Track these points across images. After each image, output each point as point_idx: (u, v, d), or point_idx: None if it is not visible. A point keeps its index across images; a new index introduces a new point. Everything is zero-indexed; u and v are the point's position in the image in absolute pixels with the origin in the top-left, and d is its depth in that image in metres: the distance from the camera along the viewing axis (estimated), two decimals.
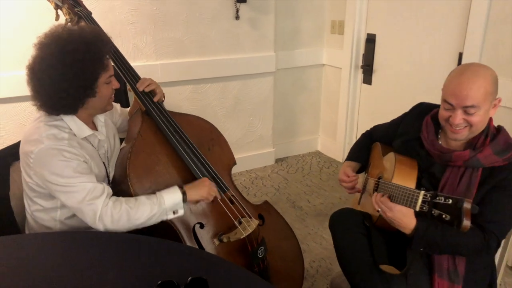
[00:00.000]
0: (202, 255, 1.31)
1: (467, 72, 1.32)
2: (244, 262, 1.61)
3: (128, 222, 1.39)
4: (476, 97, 1.29)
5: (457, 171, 1.38)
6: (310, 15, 3.46)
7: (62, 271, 1.16)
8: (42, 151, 1.34)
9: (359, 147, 1.83)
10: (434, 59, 2.72)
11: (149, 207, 1.42)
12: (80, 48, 1.33)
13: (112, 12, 2.66)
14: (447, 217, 1.14)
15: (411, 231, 1.35)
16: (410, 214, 1.34)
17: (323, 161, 3.70)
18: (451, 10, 2.55)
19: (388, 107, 3.15)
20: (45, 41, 1.36)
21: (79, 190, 1.36)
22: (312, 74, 3.67)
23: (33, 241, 1.34)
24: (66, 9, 1.64)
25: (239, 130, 3.41)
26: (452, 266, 1.37)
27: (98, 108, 1.49)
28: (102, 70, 1.40)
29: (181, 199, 1.48)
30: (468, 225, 1.11)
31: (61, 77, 1.33)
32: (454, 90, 1.32)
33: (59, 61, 1.32)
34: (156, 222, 1.46)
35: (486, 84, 1.29)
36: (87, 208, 1.36)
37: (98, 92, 1.42)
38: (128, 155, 1.51)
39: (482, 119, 1.33)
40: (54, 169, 1.34)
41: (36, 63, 1.35)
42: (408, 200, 1.27)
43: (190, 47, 2.98)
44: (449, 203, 1.14)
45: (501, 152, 1.33)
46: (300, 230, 2.64)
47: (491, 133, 1.38)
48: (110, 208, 1.38)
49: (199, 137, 1.72)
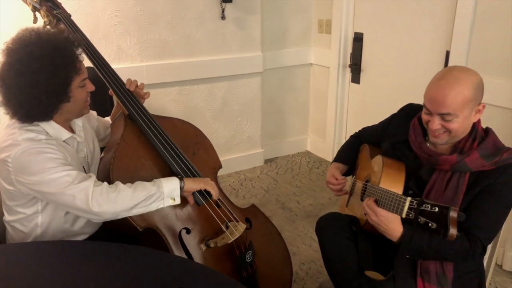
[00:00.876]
0: (186, 264, 1.28)
1: (447, 77, 1.29)
2: (232, 267, 1.59)
3: (126, 200, 1.33)
4: (452, 104, 1.26)
5: (444, 175, 1.36)
6: (297, 14, 3.44)
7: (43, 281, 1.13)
8: (20, 153, 1.29)
9: (347, 148, 1.82)
10: (422, 58, 2.72)
11: (147, 187, 1.38)
12: (49, 53, 1.28)
13: (95, 13, 2.61)
14: (433, 225, 1.13)
15: (397, 238, 1.33)
16: (397, 221, 1.32)
17: (313, 161, 3.69)
18: (437, 8, 2.55)
19: (376, 106, 3.15)
20: (12, 46, 1.30)
21: (64, 175, 1.30)
22: (300, 74, 3.65)
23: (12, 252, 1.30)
24: (44, 11, 1.60)
25: (227, 131, 3.38)
26: (440, 269, 1.36)
27: (74, 113, 1.45)
28: (74, 73, 1.35)
29: (179, 185, 1.44)
30: (454, 234, 1.10)
31: (31, 85, 1.28)
32: (431, 96, 1.30)
33: (27, 68, 1.27)
34: (153, 208, 1.40)
35: (465, 91, 1.26)
36: (77, 189, 1.29)
37: (72, 96, 1.37)
38: (111, 160, 1.48)
39: (461, 125, 1.30)
40: (35, 167, 1.29)
41: (4, 70, 1.30)
42: (394, 206, 1.25)
43: (176, 48, 2.94)
44: (435, 211, 1.13)
45: (489, 156, 1.30)
46: (290, 232, 2.62)
47: (479, 135, 1.35)
48: (105, 187, 1.32)
49: (184, 141, 1.69)
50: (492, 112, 2.27)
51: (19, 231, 1.46)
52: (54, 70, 1.29)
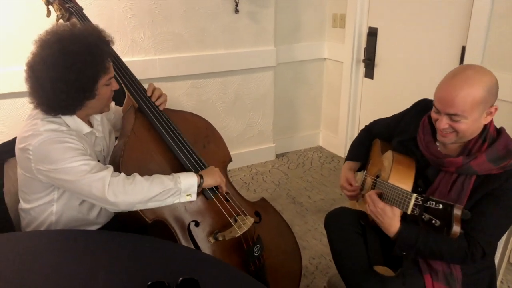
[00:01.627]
0: (193, 255, 1.30)
1: (458, 76, 1.25)
2: (240, 260, 1.59)
3: (142, 192, 1.34)
4: (460, 105, 1.23)
5: (450, 177, 1.33)
6: (311, 8, 3.41)
7: (53, 270, 1.15)
8: (41, 142, 1.32)
9: (358, 144, 1.80)
10: (437, 53, 2.67)
11: (165, 180, 1.39)
12: (82, 50, 1.30)
13: (109, 6, 2.63)
14: (437, 222, 1.12)
15: (393, 234, 1.32)
16: (394, 217, 1.31)
17: (325, 156, 3.67)
18: (454, 3, 2.50)
19: (390, 101, 3.11)
20: (46, 39, 1.33)
21: (82, 165, 1.32)
22: (313, 68, 3.63)
23: (26, 239, 1.33)
24: (57, 5, 1.62)
25: (239, 125, 3.38)
26: (447, 269, 1.34)
27: (96, 109, 1.48)
28: (103, 72, 1.37)
29: (196, 182, 1.45)
30: (457, 232, 1.09)
31: (60, 79, 1.30)
32: (440, 95, 1.27)
33: (59, 63, 1.29)
34: (169, 202, 1.41)
35: (476, 93, 1.21)
36: (94, 178, 1.31)
37: (97, 94, 1.39)
38: (121, 153, 1.49)
39: (470, 127, 1.27)
40: (55, 156, 1.32)
41: (36, 62, 1.32)
42: (400, 202, 1.24)
43: (189, 41, 2.95)
44: (440, 208, 1.12)
45: (497, 159, 1.26)
46: (300, 227, 2.62)
47: (490, 137, 1.30)
48: (122, 177, 1.34)
49: (194, 134, 1.69)
50: (508, 109, 2.22)
51: (33, 218, 1.49)
52: (84, 67, 1.31)
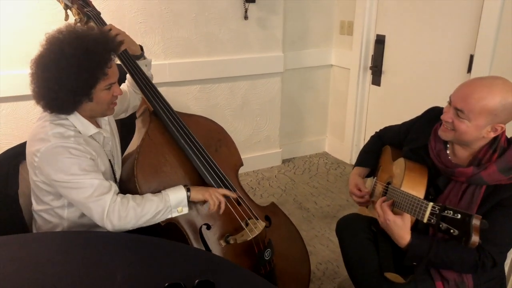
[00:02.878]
0: (209, 258, 1.31)
1: (487, 80, 1.26)
2: (251, 264, 1.60)
3: (135, 218, 1.39)
4: (470, 104, 1.24)
5: (460, 187, 1.34)
6: (319, 15, 3.44)
7: (69, 270, 1.16)
8: (49, 149, 1.33)
9: (368, 151, 1.81)
10: (445, 61, 2.69)
11: (154, 204, 1.42)
12: (78, 54, 1.31)
13: (121, 12, 2.67)
14: (455, 232, 1.12)
15: (404, 245, 1.34)
16: (404, 228, 1.33)
17: (331, 162, 3.68)
18: (462, 11, 2.51)
19: (397, 109, 3.13)
20: (49, 37, 1.35)
21: (86, 186, 1.35)
22: (320, 75, 3.65)
23: (41, 240, 1.34)
24: (75, 9, 1.64)
25: (246, 130, 3.40)
26: (458, 277, 1.35)
27: (97, 112, 1.47)
28: (101, 78, 1.37)
29: (185, 196, 1.48)
30: (476, 241, 1.09)
31: (52, 79, 1.32)
32: (460, 87, 1.29)
33: (54, 63, 1.31)
34: (162, 219, 1.46)
35: (491, 101, 1.22)
36: (95, 204, 1.35)
37: (95, 97, 1.39)
38: (135, 155, 1.51)
39: (469, 131, 1.27)
40: (60, 166, 1.34)
41: (37, 59, 1.35)
42: (416, 210, 1.25)
43: (199, 46, 2.98)
44: (458, 218, 1.12)
45: (508, 170, 1.26)
46: (307, 232, 2.63)
47: (500, 147, 1.31)
48: (118, 204, 1.37)
49: (207, 138, 1.71)
50: None
51: (46, 221, 1.51)
52: (78, 71, 1.31)
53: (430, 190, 1.41)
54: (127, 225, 1.39)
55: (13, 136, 2.59)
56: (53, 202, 1.47)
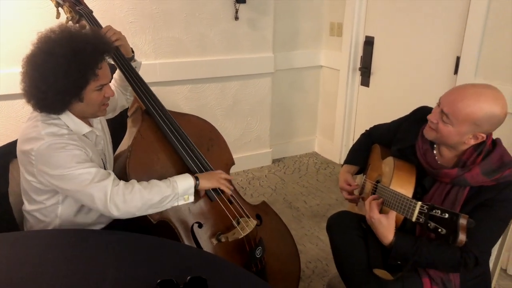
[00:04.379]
0: (201, 254, 1.32)
1: (477, 88, 1.27)
2: (242, 262, 1.62)
3: (141, 201, 1.37)
4: (456, 110, 1.26)
5: (444, 187, 1.37)
6: (309, 16, 3.47)
7: (61, 268, 1.16)
8: (44, 147, 1.33)
9: (358, 149, 1.82)
10: (432, 63, 2.74)
11: (162, 188, 1.42)
12: (67, 54, 1.30)
13: (111, 11, 2.66)
14: (443, 231, 1.15)
15: (387, 244, 1.37)
16: (388, 227, 1.36)
17: (320, 162, 3.72)
18: (449, 14, 2.56)
19: (385, 109, 3.17)
20: (40, 37, 1.35)
21: (85, 173, 1.34)
22: (310, 76, 3.68)
23: (32, 239, 1.34)
24: (67, 7, 1.64)
25: (237, 130, 3.41)
26: (445, 276, 1.37)
27: (88, 113, 1.46)
28: (91, 79, 1.36)
29: (193, 184, 1.47)
30: (463, 240, 1.12)
31: (41, 79, 1.31)
32: (450, 91, 1.32)
33: (43, 62, 1.30)
34: (168, 207, 1.45)
35: (476, 110, 1.24)
36: (96, 189, 1.33)
37: (85, 98, 1.39)
38: (127, 154, 1.52)
39: (451, 135, 1.30)
40: (57, 162, 1.33)
41: (28, 58, 1.34)
42: (405, 209, 1.27)
43: (189, 46, 2.98)
44: (446, 217, 1.15)
45: (491, 172, 1.28)
46: (297, 231, 2.65)
47: (485, 149, 1.32)
48: (122, 187, 1.36)
49: (199, 137, 1.72)
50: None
51: (38, 220, 1.50)
52: (67, 71, 1.30)
53: (417, 190, 1.44)
54: (133, 208, 1.37)
55: (1, 135, 2.57)
56: (47, 201, 1.46)
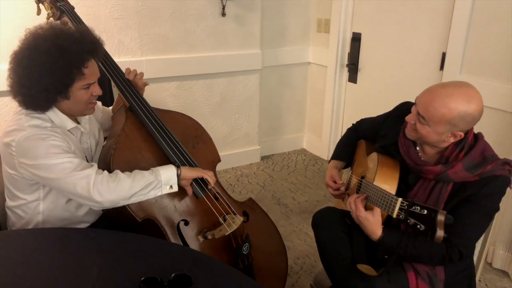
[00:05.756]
0: (185, 252, 1.32)
1: (449, 88, 1.28)
2: (229, 259, 1.61)
3: (125, 189, 1.36)
4: (430, 112, 1.27)
5: (428, 184, 1.38)
6: (296, 13, 3.47)
7: (45, 268, 1.15)
8: (24, 138, 1.31)
9: (344, 144, 1.83)
10: (418, 59, 2.75)
11: (145, 176, 1.41)
12: (52, 51, 1.29)
13: (96, 7, 2.63)
14: (422, 227, 1.17)
15: (376, 240, 1.38)
16: (375, 223, 1.37)
17: (308, 159, 3.72)
18: (435, 10, 2.58)
19: (373, 106, 3.18)
20: (27, 35, 1.33)
21: (66, 162, 1.32)
22: (298, 72, 3.68)
23: (15, 238, 1.32)
24: (48, 3, 1.62)
25: (225, 127, 3.40)
26: (431, 270, 1.39)
27: (75, 111, 1.45)
28: (77, 77, 1.35)
29: (175, 173, 1.46)
30: (441, 236, 1.14)
31: (26, 76, 1.30)
32: (423, 92, 1.33)
33: (28, 60, 1.29)
34: (151, 195, 1.43)
35: (450, 111, 1.25)
36: (79, 176, 1.32)
37: (72, 96, 1.38)
38: (111, 152, 1.50)
39: (430, 135, 1.32)
40: (37, 152, 1.31)
41: (14, 55, 1.33)
42: (386, 205, 1.29)
43: (176, 43, 2.96)
44: (424, 213, 1.17)
45: (473, 167, 1.30)
46: (285, 227, 2.65)
47: (467, 145, 1.34)
48: (106, 176, 1.35)
49: (184, 134, 1.71)
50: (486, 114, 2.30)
51: (20, 217, 1.48)
52: (51, 68, 1.29)
53: (401, 186, 1.45)
54: (118, 196, 1.36)
55: None
56: (27, 196, 1.44)
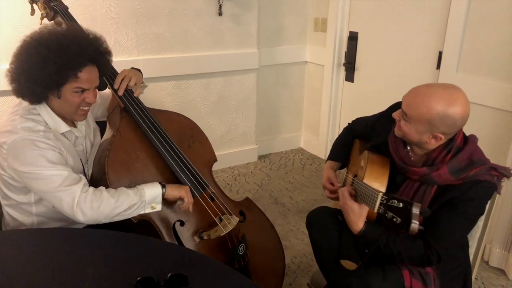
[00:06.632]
0: (182, 251, 1.31)
1: (434, 88, 1.28)
2: (225, 259, 1.61)
3: (109, 209, 1.36)
4: (412, 109, 1.28)
5: (413, 185, 1.39)
6: (293, 12, 3.47)
7: (40, 268, 1.15)
8: (16, 142, 1.32)
9: (340, 144, 1.83)
10: (415, 58, 2.76)
11: (130, 196, 1.41)
12: (51, 46, 1.31)
13: (92, 7, 2.62)
14: (398, 220, 1.17)
15: (356, 232, 1.39)
16: (360, 216, 1.38)
17: (306, 158, 3.72)
18: (431, 10, 2.58)
19: (369, 104, 3.18)
20: (32, 33, 1.36)
21: (54, 176, 1.33)
22: (295, 72, 3.68)
23: (11, 238, 1.32)
24: (41, 3, 1.61)
25: (222, 126, 3.40)
26: (422, 269, 1.39)
27: (65, 112, 1.44)
28: (69, 78, 1.36)
29: (161, 192, 1.47)
30: (415, 229, 1.14)
31: (17, 63, 1.34)
32: (409, 91, 1.34)
33: (26, 49, 1.33)
34: (134, 214, 1.44)
35: (428, 112, 1.25)
36: (64, 193, 1.33)
37: (62, 95, 1.38)
38: (106, 153, 1.50)
39: (411, 133, 1.32)
40: (27, 159, 1.32)
41: (19, 47, 1.37)
42: (369, 200, 1.30)
43: (173, 42, 2.96)
44: (400, 206, 1.17)
45: (458, 171, 1.29)
46: (282, 227, 2.65)
47: (455, 148, 1.33)
48: (90, 194, 1.35)
49: (179, 134, 1.71)
50: (483, 113, 2.31)
51: (13, 218, 1.49)
52: (44, 62, 1.31)
53: (391, 187, 1.45)
54: (100, 216, 1.36)
55: None
56: (18, 197, 1.45)
